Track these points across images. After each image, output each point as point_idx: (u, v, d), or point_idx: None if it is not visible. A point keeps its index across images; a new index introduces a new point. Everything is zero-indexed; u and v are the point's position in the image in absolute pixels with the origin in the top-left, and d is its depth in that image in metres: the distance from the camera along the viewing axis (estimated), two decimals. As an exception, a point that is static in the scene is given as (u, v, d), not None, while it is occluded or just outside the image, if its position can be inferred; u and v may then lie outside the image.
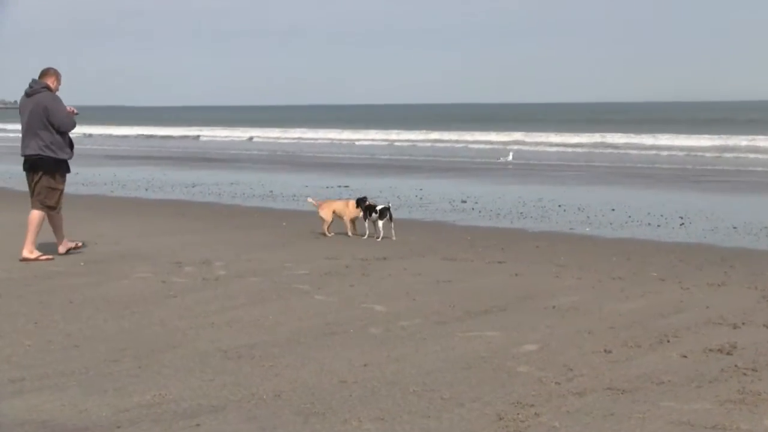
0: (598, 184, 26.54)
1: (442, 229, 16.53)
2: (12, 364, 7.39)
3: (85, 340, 8.19)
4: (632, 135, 53.50)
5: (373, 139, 59.01)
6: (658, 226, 16.67)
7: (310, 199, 16.07)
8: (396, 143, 55.89)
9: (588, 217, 18.02)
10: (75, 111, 12.76)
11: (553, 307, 9.61)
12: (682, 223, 16.91)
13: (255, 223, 17.10)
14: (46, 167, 12.55)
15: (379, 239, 14.52)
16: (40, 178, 12.58)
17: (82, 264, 12.18)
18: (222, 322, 8.85)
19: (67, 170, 12.83)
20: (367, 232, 14.76)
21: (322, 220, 15.11)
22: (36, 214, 12.57)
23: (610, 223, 17.04)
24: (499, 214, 18.58)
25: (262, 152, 47.41)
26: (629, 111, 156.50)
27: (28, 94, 12.59)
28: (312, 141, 60.65)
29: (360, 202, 14.91)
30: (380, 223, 14.59)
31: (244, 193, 23.25)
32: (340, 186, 24.89)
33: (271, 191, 23.55)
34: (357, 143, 56.70)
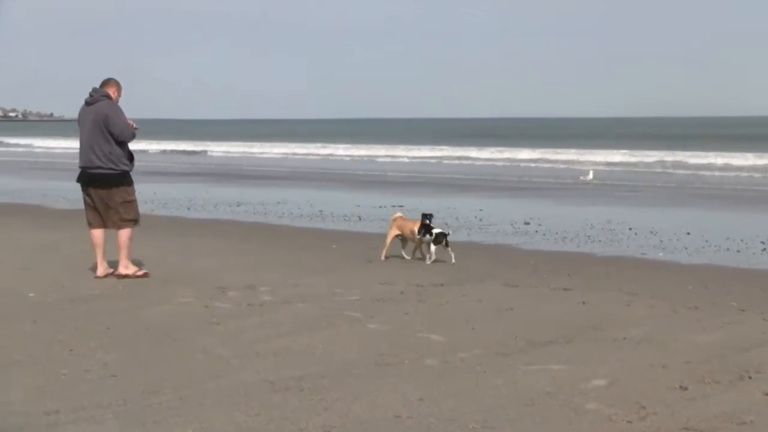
0: (670, 206, 26.31)
1: (503, 252, 16.47)
2: (46, 394, 7.46)
3: (123, 369, 8.25)
4: (699, 153, 53.16)
5: (416, 156, 59.64)
6: (738, 251, 16.47)
7: (396, 214, 15.75)
8: (445, 161, 56.11)
9: (661, 241, 17.85)
10: (135, 126, 12.97)
11: (624, 338, 9.51)
12: (764, 249, 16.70)
13: (303, 244, 17.15)
14: (113, 182, 12.81)
15: (429, 262, 14.55)
16: (110, 196, 12.79)
17: (120, 287, 12.29)
18: (268, 352, 8.86)
19: (131, 181, 13.05)
20: (432, 257, 14.65)
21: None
22: (124, 234, 12.87)
23: (686, 248, 16.86)
24: (565, 237, 18.47)
25: (303, 169, 47.66)
26: (686, 126, 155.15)
27: (89, 103, 12.87)
28: (352, 157, 61.22)
29: (424, 218, 14.80)
30: (433, 247, 14.59)
31: (291, 213, 23.36)
32: (393, 206, 24.90)
33: (321, 211, 23.64)
34: (397, 159, 57.47)
